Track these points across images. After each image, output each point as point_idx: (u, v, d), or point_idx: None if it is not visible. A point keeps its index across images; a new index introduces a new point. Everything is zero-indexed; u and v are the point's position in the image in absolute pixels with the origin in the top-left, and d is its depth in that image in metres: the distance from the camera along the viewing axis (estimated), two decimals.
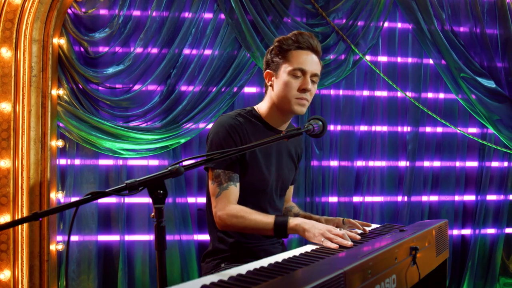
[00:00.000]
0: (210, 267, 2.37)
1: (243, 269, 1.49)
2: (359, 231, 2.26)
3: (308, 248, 1.89)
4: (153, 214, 1.51)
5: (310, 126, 2.04)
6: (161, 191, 1.51)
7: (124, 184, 1.47)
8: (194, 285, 1.31)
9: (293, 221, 2.11)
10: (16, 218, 3.73)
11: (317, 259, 1.62)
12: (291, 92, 2.30)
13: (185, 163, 1.64)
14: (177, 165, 1.55)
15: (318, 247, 1.91)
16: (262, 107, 2.46)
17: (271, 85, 2.39)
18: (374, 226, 2.54)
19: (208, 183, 2.34)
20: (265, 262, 1.60)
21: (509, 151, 4.52)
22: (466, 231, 4.60)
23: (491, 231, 4.60)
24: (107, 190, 1.45)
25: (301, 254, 1.74)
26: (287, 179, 2.56)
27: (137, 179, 1.48)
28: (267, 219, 2.16)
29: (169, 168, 1.53)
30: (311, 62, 2.33)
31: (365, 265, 1.46)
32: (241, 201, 2.30)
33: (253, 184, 2.34)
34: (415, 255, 1.84)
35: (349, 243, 1.91)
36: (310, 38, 2.35)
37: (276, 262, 1.58)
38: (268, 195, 2.42)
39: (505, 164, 4.59)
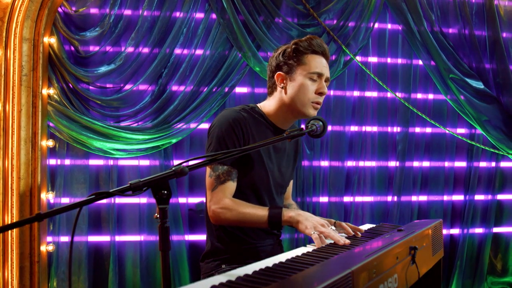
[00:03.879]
0: (210, 267, 2.37)
1: (248, 270, 1.49)
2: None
3: (309, 248, 1.89)
4: (156, 214, 1.50)
5: (313, 127, 2.05)
6: (165, 192, 1.50)
7: (129, 185, 1.46)
8: (202, 285, 1.31)
9: (287, 213, 2.14)
10: (6, 219, 3.69)
11: (321, 259, 1.62)
12: (309, 95, 2.35)
13: (188, 162, 1.63)
14: (181, 165, 1.54)
15: (322, 245, 1.92)
16: (266, 106, 2.47)
17: (284, 88, 2.40)
18: (369, 226, 2.55)
19: (206, 178, 2.34)
20: (269, 262, 1.60)
21: (497, 152, 4.57)
22: (455, 231, 4.64)
23: (479, 230, 4.65)
24: (111, 191, 1.44)
25: (303, 254, 1.74)
26: (287, 176, 2.58)
27: (141, 179, 1.47)
28: (261, 211, 2.18)
29: (173, 168, 1.52)
30: (326, 67, 2.40)
31: (371, 265, 1.46)
32: (243, 198, 2.31)
33: (254, 181, 2.35)
34: (415, 254, 1.85)
35: (341, 240, 1.94)
36: (323, 43, 2.41)
37: (281, 263, 1.58)
38: (268, 193, 2.42)
39: (493, 164, 4.64)
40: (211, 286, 1.28)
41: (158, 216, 1.49)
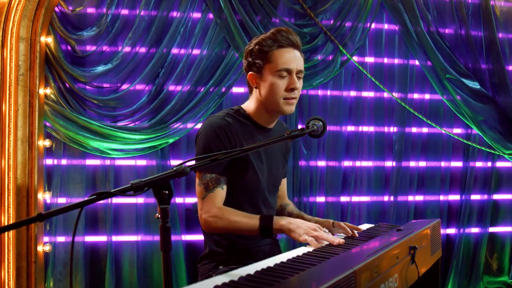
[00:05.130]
0: (207, 269, 2.36)
1: (249, 270, 1.48)
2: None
3: (310, 248, 1.89)
4: (158, 214, 1.49)
5: (314, 127, 2.04)
6: (167, 192, 1.49)
7: (130, 185, 1.45)
8: (205, 285, 1.31)
9: (278, 222, 2.11)
10: (2, 219, 3.67)
11: (323, 259, 1.62)
12: (279, 93, 2.29)
13: (186, 163, 1.62)
14: (182, 165, 1.54)
15: (320, 246, 1.92)
16: (249, 107, 2.44)
17: (257, 88, 2.37)
18: (367, 226, 2.56)
19: (196, 187, 2.33)
20: (270, 262, 1.60)
21: (493, 152, 4.59)
22: (451, 231, 4.66)
23: (475, 230, 4.67)
24: (112, 191, 1.43)
25: (304, 254, 1.74)
26: (278, 176, 2.56)
27: (143, 179, 1.46)
28: (252, 220, 2.15)
29: (175, 168, 1.51)
30: (295, 59, 2.31)
31: (372, 264, 1.47)
32: (235, 201, 2.31)
33: (245, 184, 2.34)
34: (414, 254, 1.85)
35: (336, 240, 1.95)
36: (289, 34, 2.32)
37: (282, 263, 1.58)
38: (261, 193, 2.41)
39: (489, 164, 4.66)
40: (214, 286, 1.28)
41: (159, 216, 1.48)
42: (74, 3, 4.01)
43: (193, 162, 1.67)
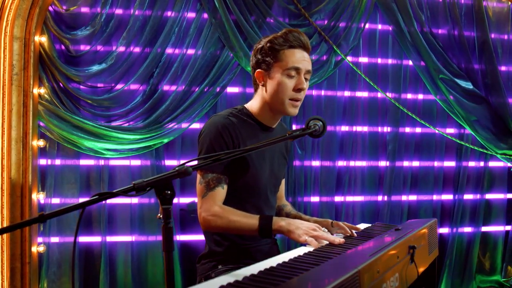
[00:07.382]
0: (206, 268, 2.36)
1: (252, 270, 1.48)
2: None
3: (310, 248, 1.90)
4: (159, 215, 1.49)
5: (316, 127, 2.04)
6: (169, 192, 1.49)
7: (132, 185, 1.45)
8: (210, 285, 1.31)
9: (277, 223, 2.11)
10: None
11: (325, 258, 1.62)
12: (286, 93, 2.29)
13: (187, 163, 1.61)
14: (185, 165, 1.53)
15: (320, 246, 1.92)
16: (253, 106, 2.44)
17: (264, 85, 2.37)
18: (365, 225, 2.56)
19: (196, 185, 2.33)
20: (272, 262, 1.59)
21: (485, 151, 4.62)
22: (444, 230, 4.68)
23: (468, 229, 4.70)
24: (114, 191, 1.43)
25: (305, 254, 1.74)
26: (279, 176, 2.57)
27: (145, 180, 1.46)
28: (252, 220, 2.16)
29: (177, 168, 1.51)
30: (305, 60, 2.32)
31: (374, 264, 1.47)
32: (237, 201, 2.30)
33: (248, 183, 2.34)
34: (413, 253, 1.86)
35: (336, 240, 1.96)
36: (300, 36, 2.33)
37: (284, 262, 1.58)
38: (263, 193, 2.41)
39: (482, 164, 4.70)
40: (219, 286, 1.28)
41: (161, 216, 1.48)
42: (68, 3, 3.99)
43: (195, 162, 1.65)
